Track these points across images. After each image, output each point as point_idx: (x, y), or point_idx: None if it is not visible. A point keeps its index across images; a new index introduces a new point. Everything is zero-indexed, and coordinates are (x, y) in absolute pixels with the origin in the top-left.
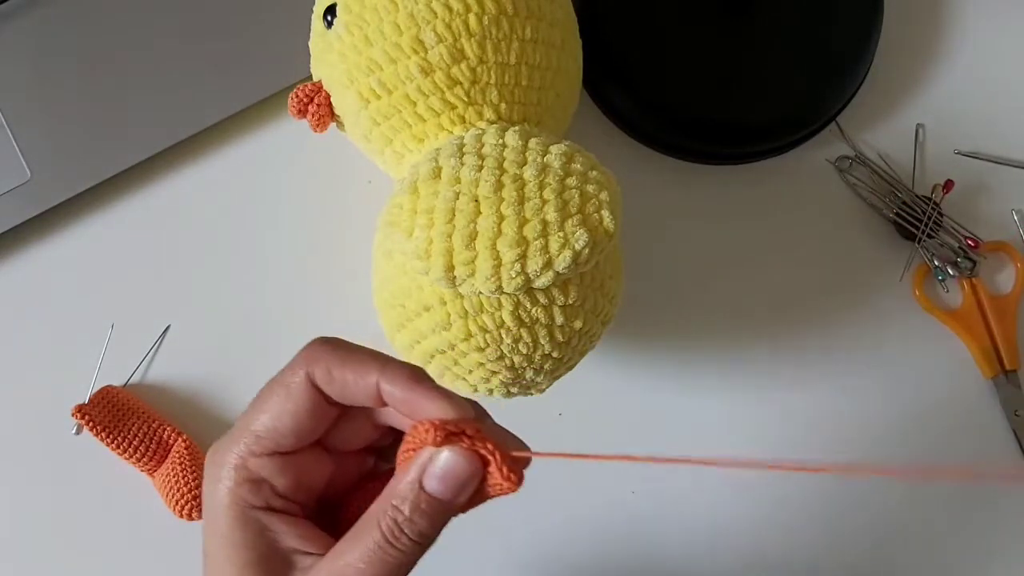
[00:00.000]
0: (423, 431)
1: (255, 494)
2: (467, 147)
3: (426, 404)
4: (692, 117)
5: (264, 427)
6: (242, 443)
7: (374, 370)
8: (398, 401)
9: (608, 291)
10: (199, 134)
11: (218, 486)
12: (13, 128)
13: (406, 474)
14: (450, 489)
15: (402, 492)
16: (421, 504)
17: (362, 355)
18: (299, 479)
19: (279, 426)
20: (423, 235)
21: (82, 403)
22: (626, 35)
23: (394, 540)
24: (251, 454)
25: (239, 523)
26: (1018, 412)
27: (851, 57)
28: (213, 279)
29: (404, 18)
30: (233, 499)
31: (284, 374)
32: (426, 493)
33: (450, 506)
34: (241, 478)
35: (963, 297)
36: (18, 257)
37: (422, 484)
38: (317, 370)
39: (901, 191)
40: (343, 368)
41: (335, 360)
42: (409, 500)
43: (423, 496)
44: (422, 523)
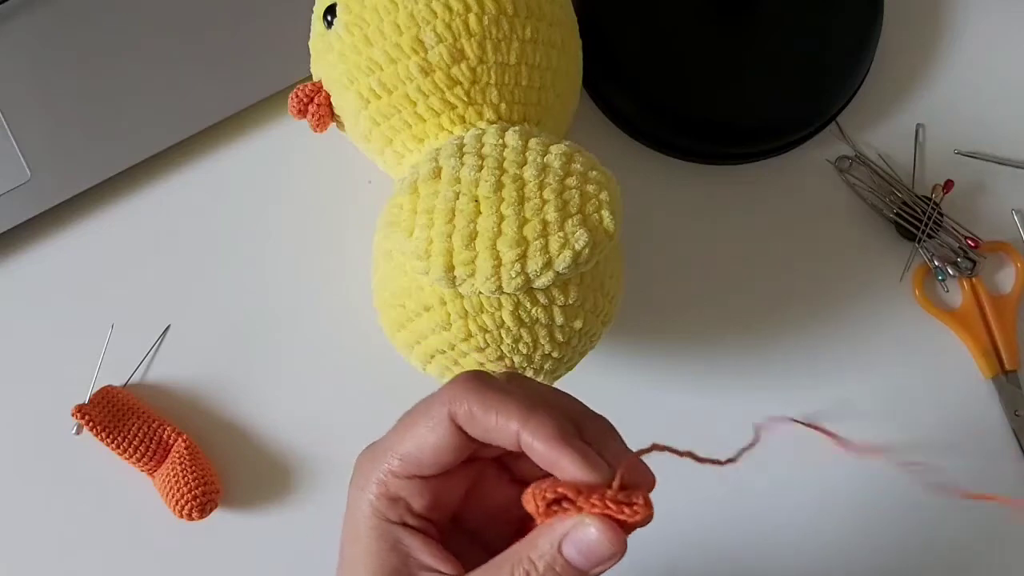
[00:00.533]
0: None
1: (392, 510)
2: (467, 147)
3: (566, 465)
4: (692, 117)
5: (408, 453)
6: (386, 462)
7: (515, 420)
8: (537, 455)
9: (608, 291)
10: (199, 134)
11: (362, 495)
12: (13, 128)
13: (550, 532)
14: (589, 563)
15: (541, 549)
16: (556, 567)
17: (506, 401)
18: (436, 500)
19: (421, 456)
20: (423, 235)
21: (82, 403)
22: (626, 35)
23: None
24: (393, 474)
25: (376, 533)
26: (1018, 412)
27: (851, 57)
28: (213, 279)
29: (404, 18)
30: (373, 511)
31: (430, 406)
32: (564, 558)
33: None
34: (381, 492)
35: (963, 297)
36: (18, 257)
37: (561, 549)
38: (460, 411)
39: (901, 191)
40: (485, 413)
41: (477, 403)
42: (546, 559)
43: (560, 560)
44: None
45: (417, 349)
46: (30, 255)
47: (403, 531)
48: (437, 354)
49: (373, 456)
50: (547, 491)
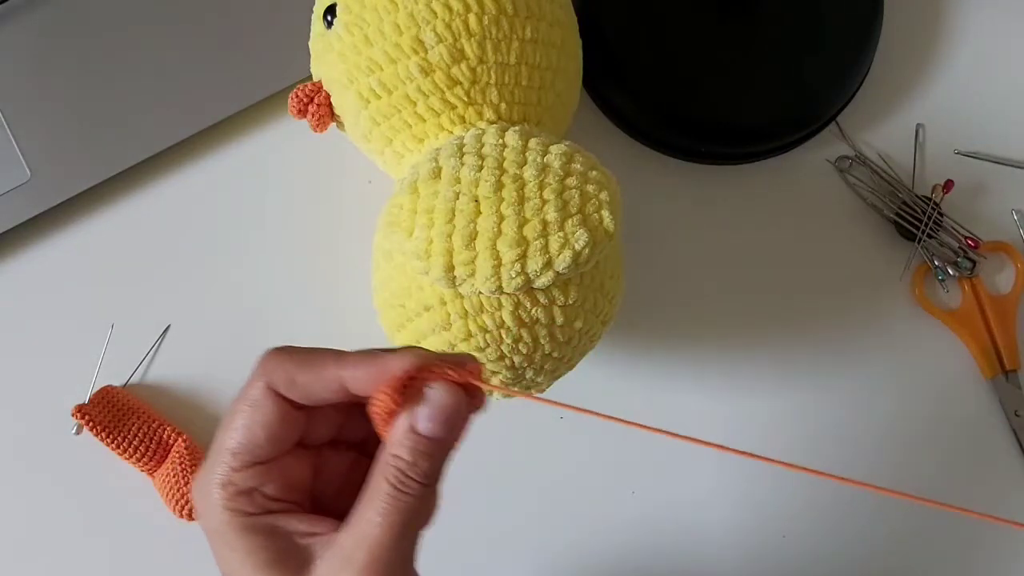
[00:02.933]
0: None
1: (250, 503)
2: (467, 147)
3: (391, 363)
4: (692, 117)
5: (237, 443)
6: (221, 464)
7: (331, 364)
8: (360, 381)
9: (608, 291)
10: (199, 134)
11: (213, 509)
12: (13, 128)
13: (398, 427)
14: (442, 426)
15: (398, 440)
16: (419, 447)
17: (318, 354)
18: (286, 480)
19: (252, 439)
20: (423, 235)
21: (82, 403)
22: (626, 35)
23: (403, 487)
24: (232, 470)
25: (245, 531)
26: (1018, 412)
27: (851, 57)
28: (213, 279)
29: (404, 18)
30: (231, 515)
31: (245, 391)
32: (422, 436)
33: (446, 442)
34: (230, 494)
35: (963, 297)
36: (18, 257)
37: (416, 430)
38: (277, 379)
39: (901, 191)
40: (303, 371)
41: (293, 366)
42: (407, 446)
43: (420, 439)
44: (424, 464)
45: None
46: (30, 255)
47: (271, 517)
48: None
49: (204, 473)
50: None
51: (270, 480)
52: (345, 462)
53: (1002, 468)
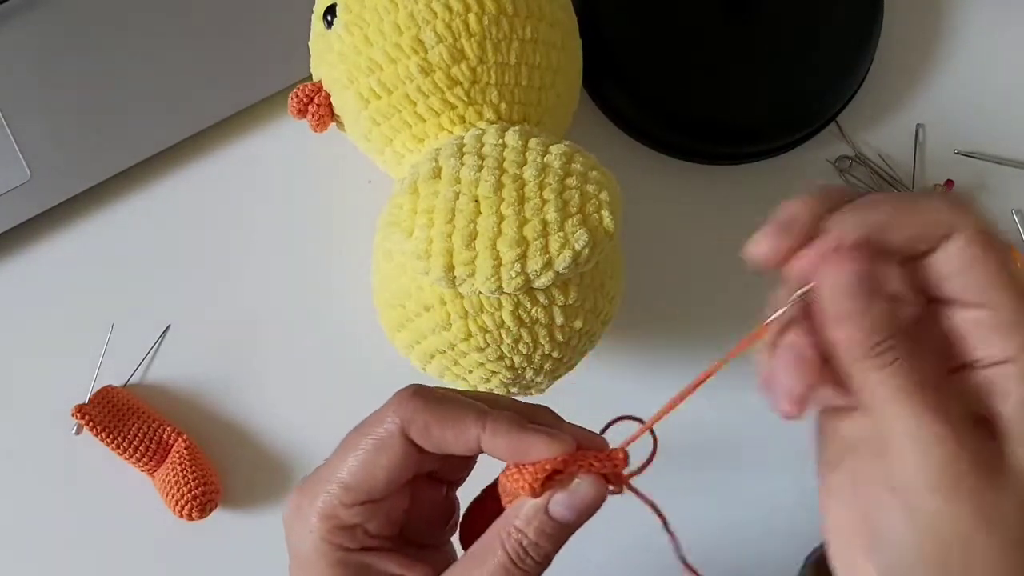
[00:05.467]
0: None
1: (351, 539)
2: (467, 147)
3: (535, 445)
4: (692, 117)
5: (354, 478)
6: (328, 492)
7: (474, 425)
8: (500, 451)
9: (608, 291)
10: (199, 134)
11: (309, 537)
12: (13, 128)
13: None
14: (577, 516)
15: (527, 516)
16: (546, 528)
17: (459, 409)
18: (388, 516)
19: (371, 478)
20: (423, 235)
21: (82, 403)
22: (626, 35)
23: (519, 562)
24: (341, 504)
25: (339, 566)
26: None
27: (851, 57)
28: (213, 279)
29: (404, 18)
30: (328, 547)
31: (373, 425)
32: (553, 519)
33: (573, 528)
34: (332, 526)
35: None
36: (18, 257)
37: (548, 510)
38: (414, 427)
39: (901, 191)
40: (443, 426)
41: (433, 418)
42: (535, 525)
43: (550, 523)
44: (547, 546)
45: (417, 349)
46: (30, 255)
47: (367, 555)
48: (437, 354)
49: (308, 492)
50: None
51: (375, 517)
52: (439, 495)
53: None
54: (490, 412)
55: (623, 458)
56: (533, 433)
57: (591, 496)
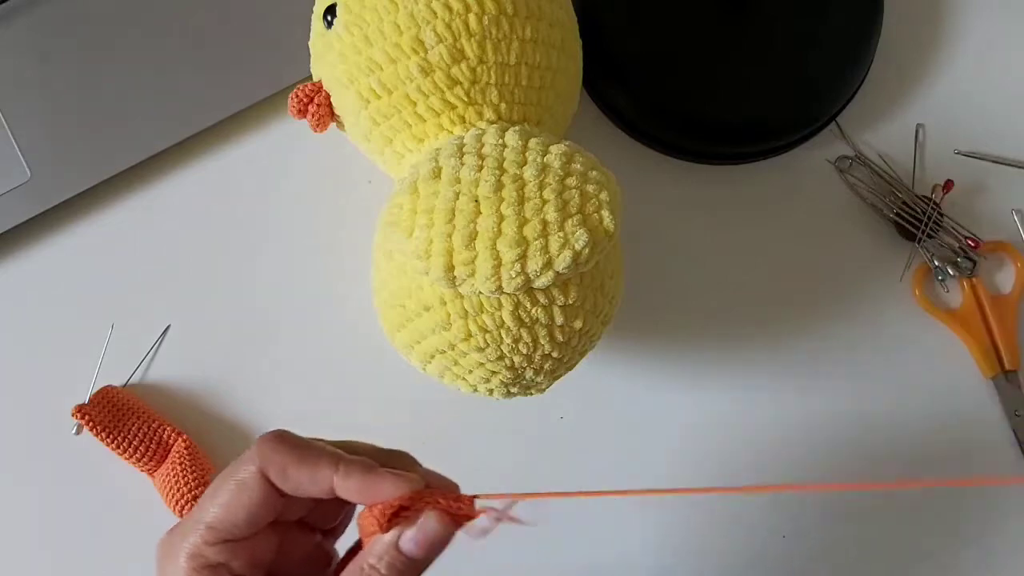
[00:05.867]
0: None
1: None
2: (467, 147)
3: (385, 488)
4: (692, 117)
5: (217, 519)
6: (195, 534)
7: (328, 467)
8: (352, 493)
9: (608, 291)
10: (199, 134)
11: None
12: (13, 128)
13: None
14: (425, 551)
15: (378, 551)
16: (396, 563)
17: (315, 453)
18: (253, 557)
19: (232, 517)
20: (423, 235)
21: (82, 403)
22: (626, 35)
23: None
24: (205, 543)
25: None
26: (1018, 412)
27: (851, 57)
28: (213, 279)
29: (404, 18)
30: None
31: (237, 469)
32: (402, 554)
33: (423, 564)
34: (198, 565)
35: (963, 297)
36: (18, 257)
37: (398, 546)
38: (272, 468)
39: (901, 191)
40: (299, 468)
41: (291, 460)
42: (385, 560)
43: (399, 556)
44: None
45: (417, 349)
46: (30, 255)
47: None
48: (437, 354)
49: (176, 537)
50: (386, 508)
51: (238, 557)
52: (309, 543)
53: (1002, 468)
54: (344, 456)
55: (469, 500)
56: (382, 474)
57: (436, 531)
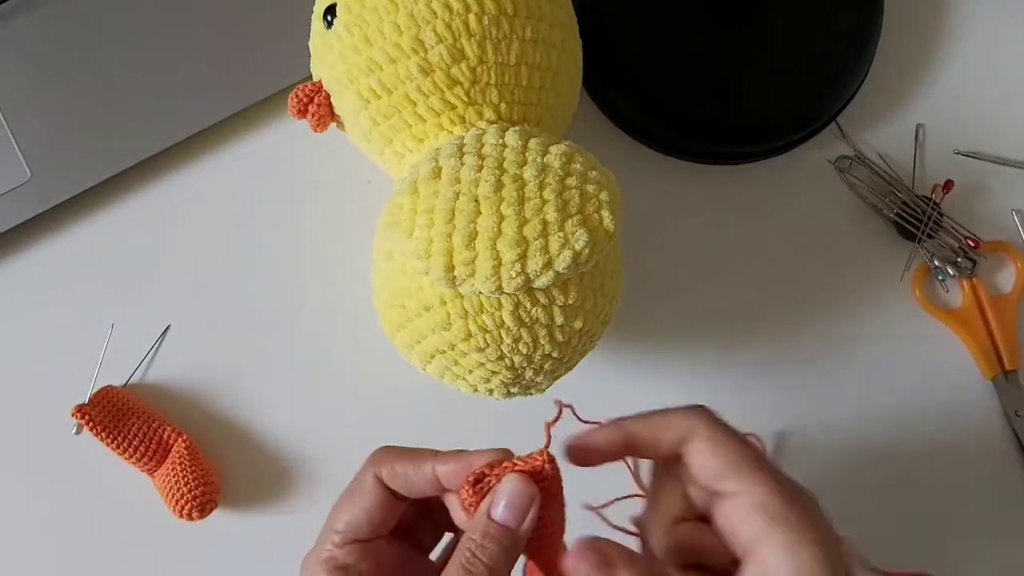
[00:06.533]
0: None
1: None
2: (467, 147)
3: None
4: (692, 117)
5: (343, 523)
6: (327, 541)
7: (428, 459)
8: (450, 475)
9: (608, 291)
10: (199, 134)
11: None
12: (13, 128)
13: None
14: (515, 514)
15: (474, 524)
16: (490, 531)
17: (419, 451)
18: (379, 561)
19: (355, 520)
20: (423, 235)
21: (82, 403)
22: (626, 35)
23: (470, 565)
24: (335, 546)
25: None
26: (1018, 412)
27: (851, 57)
28: (213, 279)
29: (404, 18)
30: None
31: (356, 479)
32: (494, 522)
33: (516, 533)
34: (331, 567)
35: (963, 297)
36: (18, 257)
37: (491, 515)
38: (383, 470)
39: (901, 191)
40: (404, 462)
41: (397, 457)
42: (480, 528)
43: (492, 524)
44: (493, 547)
45: (417, 349)
46: (30, 255)
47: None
48: (437, 354)
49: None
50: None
51: (366, 559)
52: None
53: (1002, 468)
54: (442, 451)
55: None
56: (471, 453)
57: (517, 490)
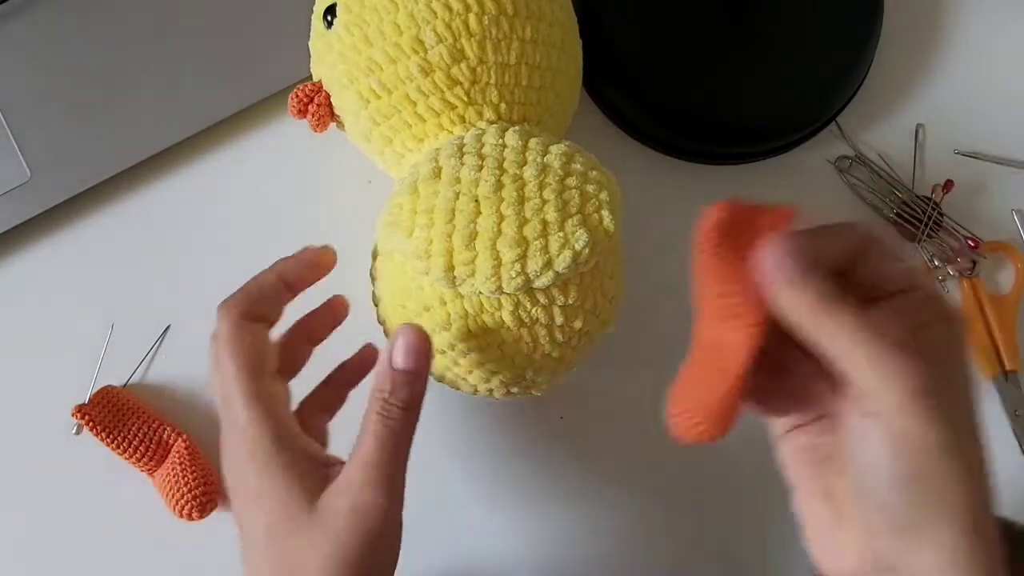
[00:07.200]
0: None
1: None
2: (467, 147)
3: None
4: (692, 117)
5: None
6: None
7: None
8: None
9: (608, 291)
10: (199, 134)
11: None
12: (13, 128)
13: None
14: (412, 358)
15: (379, 375)
16: (396, 378)
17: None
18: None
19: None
20: (423, 235)
21: (82, 403)
22: (626, 35)
23: (387, 414)
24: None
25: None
26: (1018, 412)
27: (851, 57)
28: (213, 279)
29: (404, 18)
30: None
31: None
32: (396, 370)
33: (417, 373)
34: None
35: (963, 297)
36: (18, 257)
37: (392, 364)
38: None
39: (901, 191)
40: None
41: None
42: (386, 378)
43: (396, 373)
44: (402, 392)
45: None
46: (30, 255)
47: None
48: (437, 354)
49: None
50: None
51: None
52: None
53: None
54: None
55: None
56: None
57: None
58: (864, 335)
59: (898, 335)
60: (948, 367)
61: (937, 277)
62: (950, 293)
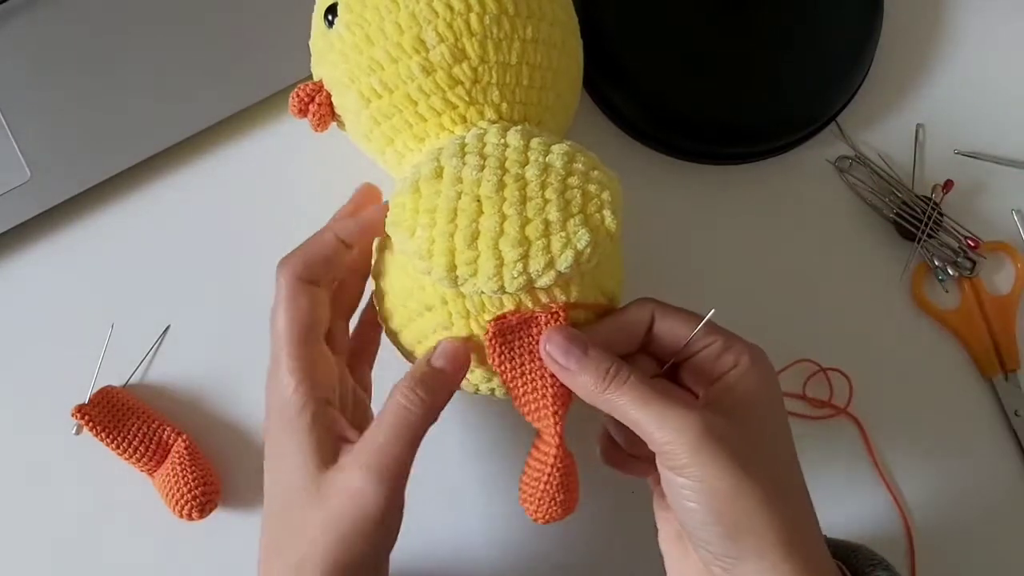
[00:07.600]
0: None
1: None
2: (469, 147)
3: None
4: (692, 117)
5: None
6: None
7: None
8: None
9: (609, 291)
10: (199, 134)
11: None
12: (13, 128)
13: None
14: (450, 361)
15: (413, 369)
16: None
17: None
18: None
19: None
20: (425, 235)
21: (82, 403)
22: (626, 35)
23: (408, 402)
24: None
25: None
26: (1018, 412)
27: (851, 57)
28: (213, 279)
29: (405, 17)
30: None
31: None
32: (432, 367)
33: (449, 376)
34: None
35: (963, 297)
36: (18, 257)
37: (430, 362)
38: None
39: (901, 191)
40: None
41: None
42: (419, 371)
43: (429, 368)
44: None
45: (419, 349)
46: (30, 255)
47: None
48: None
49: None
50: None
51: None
52: None
53: (1002, 468)
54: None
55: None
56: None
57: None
58: (645, 400)
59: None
60: (741, 412)
61: (937, 277)
62: (950, 293)
